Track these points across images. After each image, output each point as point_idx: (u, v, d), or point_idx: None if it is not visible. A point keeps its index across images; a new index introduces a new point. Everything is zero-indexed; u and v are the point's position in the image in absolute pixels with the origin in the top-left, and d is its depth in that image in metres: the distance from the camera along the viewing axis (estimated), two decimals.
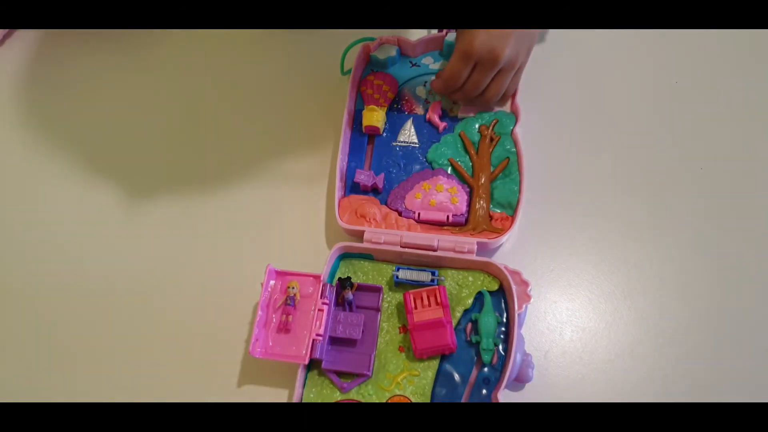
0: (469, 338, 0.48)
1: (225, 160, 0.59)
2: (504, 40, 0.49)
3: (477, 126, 0.56)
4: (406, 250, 0.50)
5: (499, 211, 0.52)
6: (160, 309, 0.53)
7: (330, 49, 0.63)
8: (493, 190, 0.53)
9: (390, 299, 0.50)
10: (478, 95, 0.53)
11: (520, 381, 0.47)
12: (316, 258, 0.52)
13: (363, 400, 0.46)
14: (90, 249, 0.56)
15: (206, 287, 0.54)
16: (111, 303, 0.53)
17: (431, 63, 0.60)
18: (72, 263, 0.55)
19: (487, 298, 0.48)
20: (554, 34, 0.63)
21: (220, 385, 0.49)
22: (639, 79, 0.61)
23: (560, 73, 0.61)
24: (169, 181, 0.58)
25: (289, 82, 0.63)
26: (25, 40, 0.68)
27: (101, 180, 0.59)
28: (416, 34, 0.60)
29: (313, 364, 0.47)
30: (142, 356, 0.51)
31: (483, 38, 0.49)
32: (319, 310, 0.46)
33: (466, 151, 0.55)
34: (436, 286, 0.48)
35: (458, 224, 0.52)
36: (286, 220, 0.56)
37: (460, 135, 0.56)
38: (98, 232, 0.57)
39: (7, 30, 0.67)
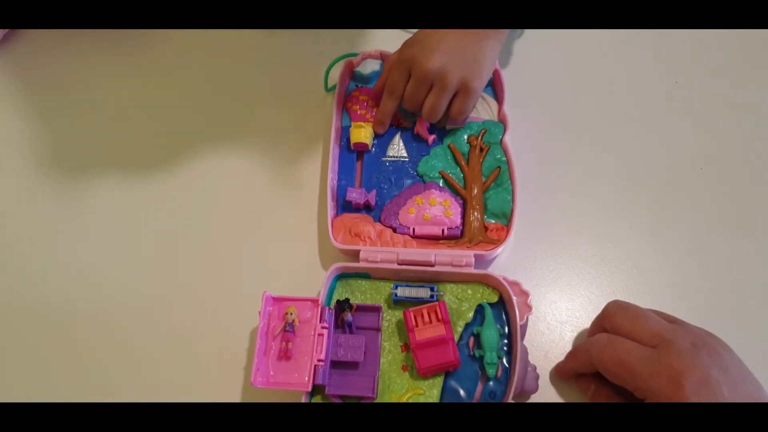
0: (472, 353, 0.47)
1: (213, 185, 0.58)
2: (431, 54, 0.51)
3: (466, 137, 0.55)
4: (404, 267, 0.49)
5: (493, 221, 0.52)
6: (155, 344, 0.51)
7: (313, 66, 0.62)
8: (487, 200, 0.53)
9: (390, 317, 0.49)
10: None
11: (525, 393, 0.47)
12: (312, 280, 0.51)
13: None
14: (81, 270, 0.55)
15: (203, 315, 0.52)
16: (104, 335, 0.52)
17: None
18: (62, 278, 0.54)
19: (488, 311, 0.48)
20: (545, 35, 0.63)
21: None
22: (638, 79, 0.61)
23: (553, 76, 0.61)
24: (156, 211, 0.57)
25: (273, 101, 0.62)
26: (25, 40, 0.67)
27: (97, 187, 0.59)
28: (399, 45, 0.60)
29: (316, 390, 0.46)
30: (138, 390, 0.50)
31: (417, 47, 0.52)
32: (318, 334, 0.46)
33: (457, 163, 0.55)
34: (436, 302, 0.47)
35: (454, 237, 0.52)
36: (279, 243, 0.55)
37: (449, 147, 0.55)
38: (89, 250, 0.56)
39: (7, 30, 0.66)
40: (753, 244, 0.53)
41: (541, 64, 0.62)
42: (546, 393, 0.48)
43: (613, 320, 0.43)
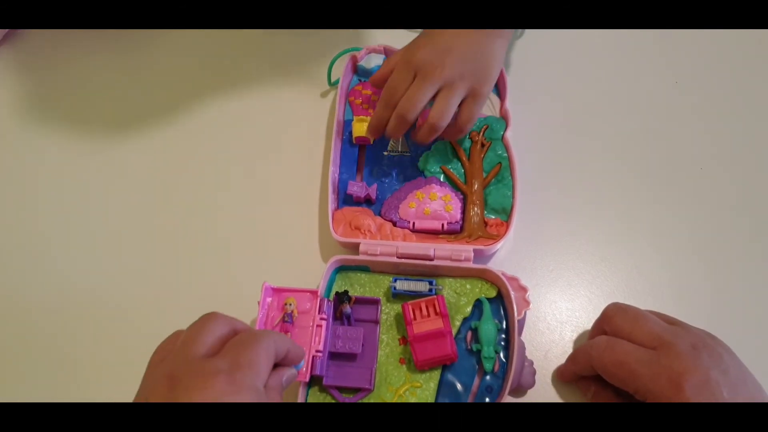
0: (469, 347, 0.47)
1: (214, 175, 0.58)
2: (444, 56, 0.49)
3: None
4: (403, 260, 0.49)
5: (493, 216, 0.52)
6: (154, 333, 0.52)
7: (317, 60, 0.62)
8: (487, 196, 0.53)
9: (388, 311, 0.49)
10: (419, 120, 0.51)
11: (522, 387, 0.47)
12: (311, 272, 0.52)
13: None
14: (81, 262, 0.55)
15: (202, 305, 0.53)
16: (102, 323, 0.52)
17: None
18: (61, 274, 0.55)
19: (486, 306, 0.48)
20: (547, 33, 0.63)
21: None
22: (638, 79, 0.61)
23: (554, 74, 0.61)
24: (158, 201, 0.58)
25: (276, 94, 0.62)
26: (25, 40, 0.67)
27: (95, 187, 0.59)
28: (402, 42, 0.60)
29: (313, 381, 0.47)
30: (138, 382, 0.50)
31: (426, 50, 0.49)
32: (317, 325, 0.46)
33: (458, 158, 0.55)
34: (435, 296, 0.47)
35: (454, 232, 0.52)
36: (280, 234, 0.55)
37: (450, 142, 0.55)
38: (90, 243, 0.56)
39: (7, 30, 0.67)
40: (753, 244, 0.53)
41: (543, 62, 0.62)
42: (546, 393, 0.48)
43: (612, 322, 0.44)
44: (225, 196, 0.57)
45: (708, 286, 0.51)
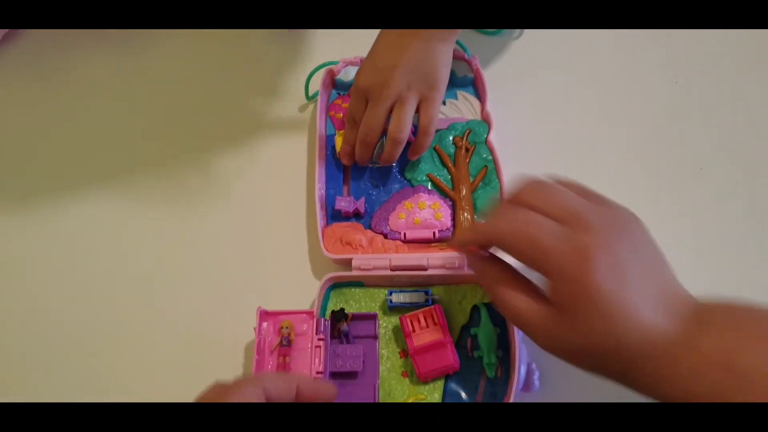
0: (470, 354, 0.47)
1: (199, 200, 0.57)
2: (388, 72, 0.49)
3: (451, 138, 0.55)
4: (397, 272, 0.49)
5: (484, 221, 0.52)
6: (150, 365, 0.51)
7: (291, 73, 0.62)
8: (476, 200, 0.53)
9: (386, 324, 0.49)
10: (380, 136, 0.52)
11: (526, 390, 0.46)
12: (305, 291, 0.51)
13: None
14: (74, 282, 0.54)
15: (197, 333, 0.52)
16: (97, 355, 0.51)
17: None
18: (55, 286, 0.54)
19: (484, 312, 0.48)
20: (539, 33, 0.62)
21: None
22: (638, 79, 0.60)
23: (552, 74, 0.61)
24: (143, 227, 0.57)
25: (252, 108, 0.61)
26: (25, 40, 0.67)
27: (91, 191, 0.58)
28: None
29: None
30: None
31: (368, 72, 0.51)
32: (316, 346, 0.45)
33: (444, 165, 0.55)
34: (432, 306, 0.47)
35: (446, 239, 0.52)
36: (270, 256, 0.54)
37: (435, 149, 0.55)
38: (83, 257, 0.55)
39: (7, 30, 0.66)
40: (754, 245, 0.53)
41: (541, 61, 0.61)
42: (546, 393, 0.47)
43: (526, 195, 0.39)
44: (211, 221, 0.56)
45: (708, 286, 0.50)
